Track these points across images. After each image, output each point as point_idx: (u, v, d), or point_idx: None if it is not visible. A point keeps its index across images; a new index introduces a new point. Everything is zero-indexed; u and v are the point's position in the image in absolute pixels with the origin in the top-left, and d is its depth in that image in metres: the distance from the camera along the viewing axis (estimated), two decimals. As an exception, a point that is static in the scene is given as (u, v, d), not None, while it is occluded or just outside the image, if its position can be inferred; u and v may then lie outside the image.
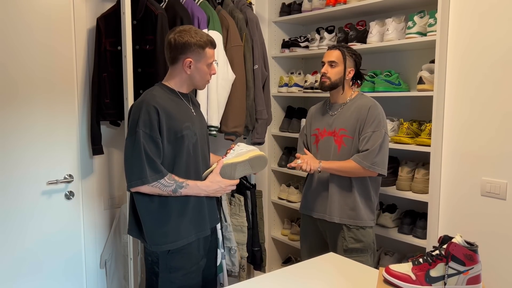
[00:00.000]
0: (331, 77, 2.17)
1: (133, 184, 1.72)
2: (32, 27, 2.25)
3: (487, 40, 2.16)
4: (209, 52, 1.83)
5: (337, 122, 2.20)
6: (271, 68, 3.13)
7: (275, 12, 3.17)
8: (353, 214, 2.15)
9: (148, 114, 1.72)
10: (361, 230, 2.16)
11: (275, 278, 1.59)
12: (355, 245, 2.16)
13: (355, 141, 2.14)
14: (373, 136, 2.09)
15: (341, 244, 2.18)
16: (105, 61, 2.34)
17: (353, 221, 2.16)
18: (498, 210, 2.17)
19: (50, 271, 2.40)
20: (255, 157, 1.89)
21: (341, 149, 2.17)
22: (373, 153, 2.06)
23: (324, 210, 2.22)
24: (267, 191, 3.26)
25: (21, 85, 2.24)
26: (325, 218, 2.21)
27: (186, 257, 1.83)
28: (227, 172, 1.86)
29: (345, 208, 2.16)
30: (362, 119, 2.12)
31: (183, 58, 1.80)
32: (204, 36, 1.81)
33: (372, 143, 2.08)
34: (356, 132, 2.14)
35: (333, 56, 2.18)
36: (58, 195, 2.40)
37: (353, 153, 2.14)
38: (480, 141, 2.21)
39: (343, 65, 2.17)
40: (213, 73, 1.89)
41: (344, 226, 2.17)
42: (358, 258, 2.12)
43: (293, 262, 3.20)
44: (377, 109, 2.13)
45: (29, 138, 2.28)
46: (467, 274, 1.29)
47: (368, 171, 2.08)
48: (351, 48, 2.22)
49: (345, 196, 2.17)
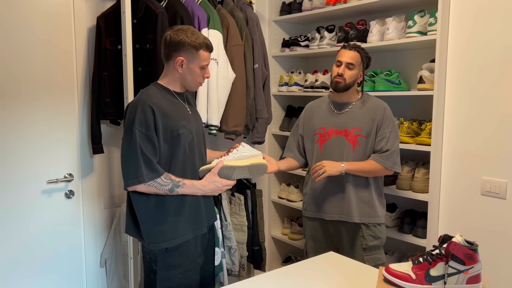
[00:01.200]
0: (347, 79, 2.14)
1: (130, 183, 1.74)
2: (33, 25, 2.25)
3: (488, 39, 2.16)
4: (203, 55, 1.82)
5: (349, 122, 2.17)
6: (271, 67, 3.13)
7: (275, 11, 3.17)
8: (371, 212, 2.15)
9: (143, 113, 1.73)
10: (378, 227, 2.17)
11: (275, 277, 1.59)
12: (374, 242, 2.15)
13: (370, 141, 2.13)
14: (391, 136, 2.11)
15: (359, 243, 2.16)
16: (105, 60, 2.34)
17: (372, 218, 2.15)
18: (498, 210, 2.17)
19: (50, 270, 2.40)
20: (255, 164, 1.90)
21: (356, 149, 2.15)
22: (394, 154, 2.09)
23: (340, 211, 2.18)
24: (267, 190, 3.26)
25: (21, 84, 2.24)
26: (343, 219, 2.18)
27: (184, 255, 1.84)
28: (224, 173, 1.87)
29: (363, 207, 2.15)
30: (379, 120, 2.13)
31: (176, 56, 1.80)
32: (201, 38, 1.81)
33: (392, 143, 2.10)
34: (372, 133, 2.13)
35: (352, 58, 2.14)
36: (58, 194, 2.40)
37: (367, 153, 2.14)
38: (480, 141, 2.21)
39: (359, 68, 2.16)
40: (206, 76, 1.88)
41: (363, 224, 2.16)
42: (377, 255, 2.13)
43: (293, 261, 3.20)
44: (389, 109, 2.17)
45: (30, 137, 2.28)
46: (467, 273, 1.29)
47: (388, 170, 2.10)
48: (365, 50, 2.20)
49: (362, 194, 2.15)
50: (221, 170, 1.86)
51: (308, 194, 2.30)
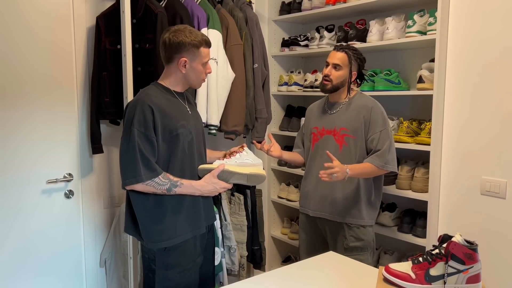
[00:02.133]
0: (333, 80, 2.16)
1: (128, 182, 1.74)
2: (32, 25, 2.24)
3: (487, 39, 2.16)
4: (204, 51, 1.83)
5: (337, 121, 2.19)
6: (271, 67, 3.13)
7: (275, 11, 3.16)
8: (355, 213, 2.15)
9: (143, 113, 1.73)
10: (361, 229, 2.16)
11: (274, 277, 1.59)
12: (355, 243, 2.16)
13: (358, 140, 2.14)
14: (382, 135, 2.10)
15: (341, 242, 2.18)
16: (104, 60, 2.34)
17: (355, 220, 2.16)
18: (498, 209, 2.17)
19: (50, 270, 2.40)
20: (255, 174, 1.91)
21: (343, 148, 2.16)
22: (385, 153, 2.08)
23: (324, 208, 2.22)
24: (267, 190, 3.26)
25: (21, 84, 2.23)
26: (325, 217, 2.21)
27: (182, 254, 1.84)
28: (223, 176, 1.88)
29: (348, 207, 2.16)
30: (367, 119, 2.12)
31: (178, 57, 1.80)
32: (199, 36, 1.81)
33: (382, 143, 2.09)
34: (360, 132, 2.13)
35: (338, 59, 2.16)
36: (58, 194, 2.40)
37: (356, 152, 2.14)
38: (480, 140, 2.21)
39: (347, 68, 2.16)
40: (208, 72, 1.89)
41: (345, 224, 2.17)
42: (358, 256, 2.12)
43: (293, 261, 3.20)
44: (379, 107, 2.15)
45: (29, 137, 2.28)
46: (467, 273, 1.29)
47: (382, 170, 2.10)
48: (357, 51, 2.20)
49: (349, 195, 2.16)
50: (220, 172, 1.87)
51: (301, 189, 2.37)
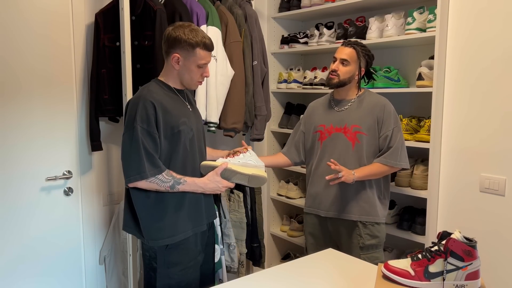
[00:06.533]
0: (341, 75, 2.14)
1: (132, 179, 1.72)
2: (31, 22, 2.24)
3: (487, 36, 2.16)
4: (200, 53, 1.79)
5: (348, 119, 2.17)
6: (270, 64, 3.12)
7: (274, 8, 3.16)
8: (369, 210, 2.14)
9: (145, 109, 1.72)
10: (376, 226, 2.16)
11: (274, 274, 1.59)
12: (371, 241, 2.15)
13: (369, 138, 2.13)
14: (394, 133, 2.11)
15: (356, 241, 2.16)
16: (103, 57, 2.33)
17: (370, 217, 2.15)
18: (497, 206, 2.17)
19: (49, 267, 2.40)
20: (256, 176, 1.92)
21: (356, 146, 2.14)
22: (398, 150, 2.09)
23: (338, 208, 2.19)
24: (266, 187, 3.26)
25: (20, 81, 2.23)
26: (340, 217, 2.18)
27: (184, 252, 1.84)
28: (225, 174, 1.88)
29: (362, 205, 2.15)
30: (380, 117, 2.12)
31: (172, 52, 1.79)
32: (199, 36, 1.78)
33: (394, 140, 2.10)
34: (373, 130, 2.13)
35: (347, 54, 2.13)
36: (57, 191, 2.40)
37: (368, 149, 2.13)
38: (479, 137, 2.21)
39: (355, 64, 2.14)
40: (205, 75, 1.86)
41: (360, 223, 2.15)
42: (374, 254, 2.12)
43: (292, 258, 3.21)
44: (391, 105, 2.16)
45: (28, 135, 2.27)
46: (466, 269, 1.30)
47: (394, 168, 2.10)
48: (365, 47, 2.18)
49: (361, 192, 2.15)
50: (223, 171, 1.87)
51: (308, 190, 2.32)
